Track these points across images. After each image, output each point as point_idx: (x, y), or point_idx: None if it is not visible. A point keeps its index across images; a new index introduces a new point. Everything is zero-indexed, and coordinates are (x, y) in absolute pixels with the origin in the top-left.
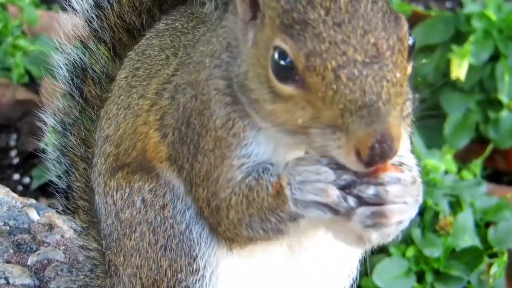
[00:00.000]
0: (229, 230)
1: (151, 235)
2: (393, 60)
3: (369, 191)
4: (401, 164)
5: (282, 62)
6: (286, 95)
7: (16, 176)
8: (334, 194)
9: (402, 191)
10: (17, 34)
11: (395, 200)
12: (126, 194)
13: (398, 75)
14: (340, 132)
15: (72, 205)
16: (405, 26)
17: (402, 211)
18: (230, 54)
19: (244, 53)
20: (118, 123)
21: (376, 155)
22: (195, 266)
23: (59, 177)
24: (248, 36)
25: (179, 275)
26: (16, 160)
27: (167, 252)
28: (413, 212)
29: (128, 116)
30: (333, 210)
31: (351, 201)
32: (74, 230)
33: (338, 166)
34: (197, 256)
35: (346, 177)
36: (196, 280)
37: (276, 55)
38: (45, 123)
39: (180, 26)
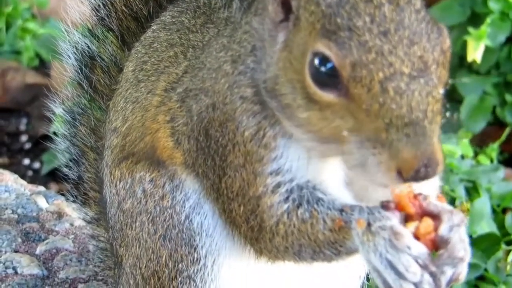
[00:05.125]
0: (269, 251)
1: (150, 225)
2: (437, 74)
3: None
4: None
5: (322, 69)
6: (324, 102)
7: (26, 161)
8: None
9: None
10: (26, 17)
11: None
12: (128, 184)
13: (440, 90)
14: (381, 147)
15: (83, 196)
16: (448, 39)
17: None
18: (255, 59)
19: (271, 56)
20: (125, 116)
21: (420, 178)
22: (196, 256)
23: (69, 167)
24: (277, 38)
25: (179, 265)
26: (26, 145)
27: (166, 242)
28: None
29: (136, 110)
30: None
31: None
32: (84, 219)
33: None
34: (197, 246)
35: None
36: (198, 270)
37: (316, 61)
38: (54, 113)
39: (187, 21)
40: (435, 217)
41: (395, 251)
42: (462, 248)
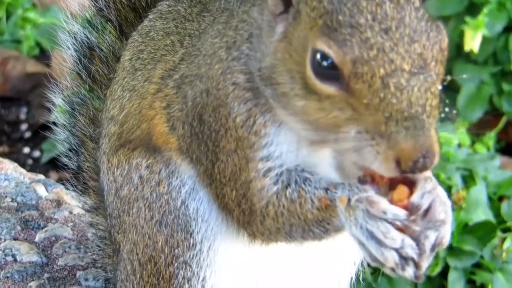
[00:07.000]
0: (262, 234)
1: (147, 211)
2: (435, 71)
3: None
4: None
5: (324, 63)
6: (323, 94)
7: (26, 150)
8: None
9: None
10: (27, 6)
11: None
12: (125, 171)
13: (438, 86)
14: (379, 138)
15: (83, 185)
16: (446, 37)
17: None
18: (251, 46)
19: (267, 45)
20: (122, 104)
21: (417, 168)
22: (192, 241)
23: (68, 157)
24: (276, 29)
25: (176, 251)
26: (26, 134)
27: (162, 228)
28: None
29: (133, 98)
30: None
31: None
32: (83, 208)
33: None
34: (193, 231)
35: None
36: (193, 255)
37: (318, 56)
38: (53, 103)
39: (183, 10)
40: (414, 183)
41: (372, 220)
42: (442, 211)
